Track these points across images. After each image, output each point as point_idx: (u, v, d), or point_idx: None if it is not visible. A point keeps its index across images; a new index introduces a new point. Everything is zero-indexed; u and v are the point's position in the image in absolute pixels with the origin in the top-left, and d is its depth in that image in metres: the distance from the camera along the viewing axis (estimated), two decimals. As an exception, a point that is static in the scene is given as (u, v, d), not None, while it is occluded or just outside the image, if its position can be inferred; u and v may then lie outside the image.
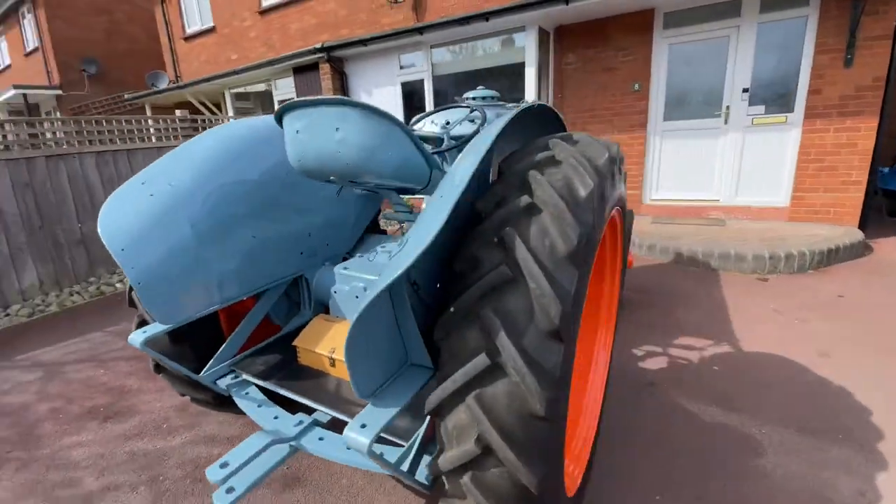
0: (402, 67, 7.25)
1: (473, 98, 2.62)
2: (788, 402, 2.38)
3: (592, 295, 2.07)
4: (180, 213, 1.64)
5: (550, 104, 5.39)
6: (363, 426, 1.16)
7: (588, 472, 1.72)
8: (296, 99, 1.52)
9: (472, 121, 2.48)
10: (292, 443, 1.55)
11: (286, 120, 1.55)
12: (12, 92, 13.80)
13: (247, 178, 1.86)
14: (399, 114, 7.46)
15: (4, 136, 4.59)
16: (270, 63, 8.31)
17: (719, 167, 5.74)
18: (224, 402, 2.08)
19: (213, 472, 1.37)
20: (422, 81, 7.05)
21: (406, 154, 1.49)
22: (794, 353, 2.88)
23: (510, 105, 2.71)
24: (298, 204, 2.10)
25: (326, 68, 7.74)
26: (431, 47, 6.81)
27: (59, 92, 14.30)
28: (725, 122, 5.58)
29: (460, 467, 1.17)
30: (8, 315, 4.30)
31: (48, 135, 5.10)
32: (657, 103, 5.98)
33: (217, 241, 1.74)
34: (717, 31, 5.44)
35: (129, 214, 1.56)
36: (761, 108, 5.38)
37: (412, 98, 7.29)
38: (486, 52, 6.52)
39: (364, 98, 7.96)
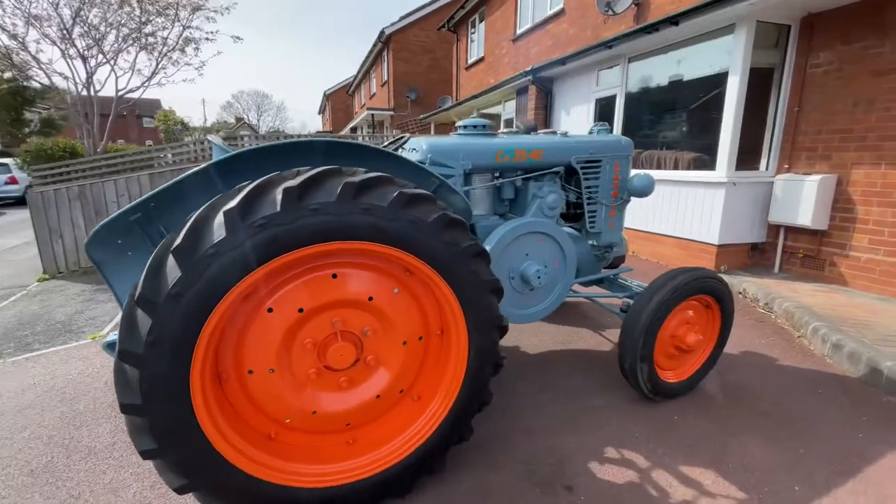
0: (597, 84, 6.81)
1: (465, 127, 2.62)
2: None
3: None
4: None
5: (779, 118, 4.12)
6: None
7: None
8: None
9: None
10: None
11: None
12: (366, 113, 20.24)
13: None
14: (590, 133, 7.05)
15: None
16: (495, 88, 9.29)
17: None
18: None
19: None
20: (615, 98, 6.45)
21: None
22: None
23: (502, 132, 2.58)
24: None
25: (533, 90, 8.08)
26: (629, 61, 6.13)
27: (392, 113, 19.97)
28: None
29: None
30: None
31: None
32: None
33: None
34: None
35: None
36: None
37: (604, 116, 6.76)
38: (683, 61, 5.37)
39: (562, 116, 7.89)
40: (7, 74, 12.58)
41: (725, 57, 4.69)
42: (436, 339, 2.01)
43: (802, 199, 4.42)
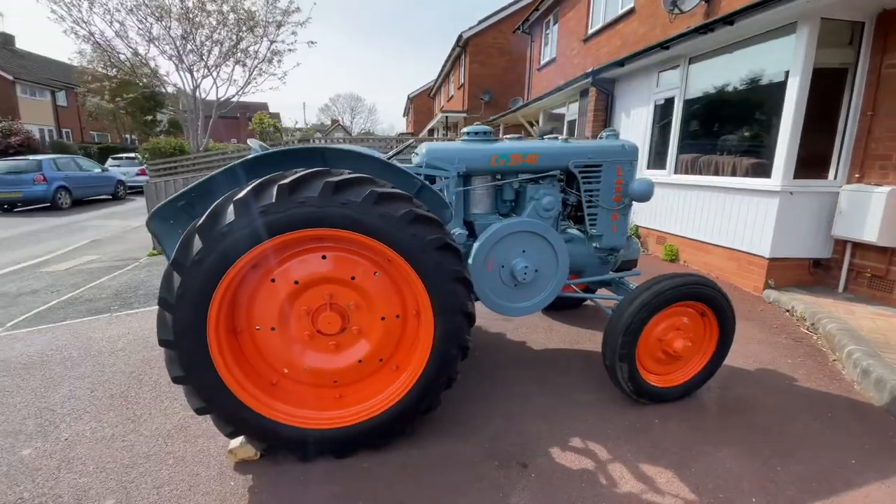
0: (657, 86, 6.55)
1: (468, 133, 2.88)
2: None
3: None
4: None
5: (850, 123, 3.86)
6: None
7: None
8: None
9: None
10: None
11: None
12: (441, 115, 20.89)
13: None
14: (647, 136, 6.82)
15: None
16: (559, 89, 9.24)
17: None
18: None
19: None
20: (673, 100, 6.18)
21: None
22: None
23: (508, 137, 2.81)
24: None
25: (593, 92, 7.95)
26: (689, 62, 5.85)
27: (465, 115, 20.41)
28: None
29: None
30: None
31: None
32: None
33: None
34: None
35: None
36: None
37: (663, 119, 6.49)
38: (744, 62, 5.02)
39: (622, 118, 7.67)
40: (142, 81, 15.07)
41: (788, 57, 4.36)
42: (413, 319, 2.31)
43: (869, 211, 3.98)
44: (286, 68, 16.26)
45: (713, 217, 5.37)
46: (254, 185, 1.93)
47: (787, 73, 4.35)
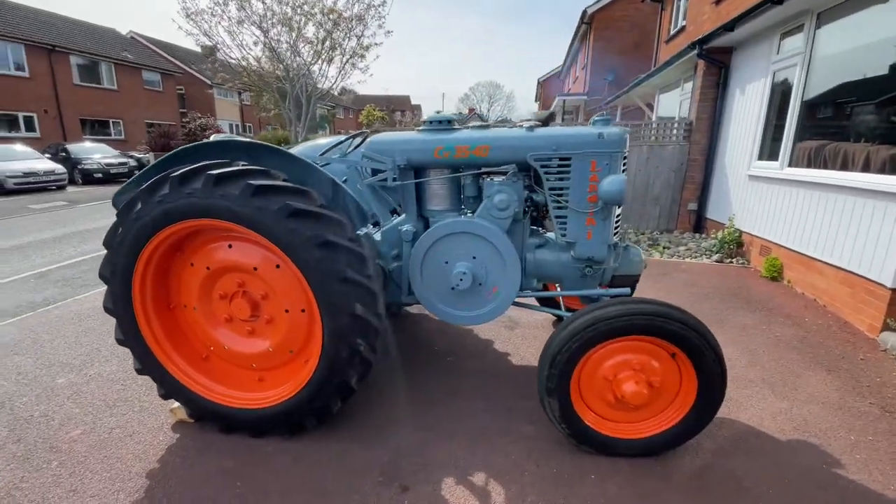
0: (778, 53, 5.09)
1: (429, 122, 2.67)
2: None
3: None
4: None
5: None
6: None
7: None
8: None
9: None
10: None
11: None
12: (558, 99, 19.63)
13: None
14: (760, 119, 5.41)
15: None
16: (667, 65, 7.89)
17: None
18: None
19: None
20: (794, 72, 4.74)
21: None
22: None
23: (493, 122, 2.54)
24: None
25: (701, 65, 6.58)
26: (817, 20, 4.39)
27: (585, 97, 18.84)
28: None
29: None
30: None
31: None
32: None
33: None
34: None
35: None
36: None
37: (783, 94, 5.05)
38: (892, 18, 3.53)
39: (736, 96, 6.19)
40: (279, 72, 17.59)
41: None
42: (316, 314, 2.29)
43: None
44: (368, 62, 17.72)
45: (828, 226, 4.04)
46: (159, 176, 2.11)
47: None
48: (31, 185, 14.39)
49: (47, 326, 3.91)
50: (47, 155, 16.71)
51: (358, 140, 3.30)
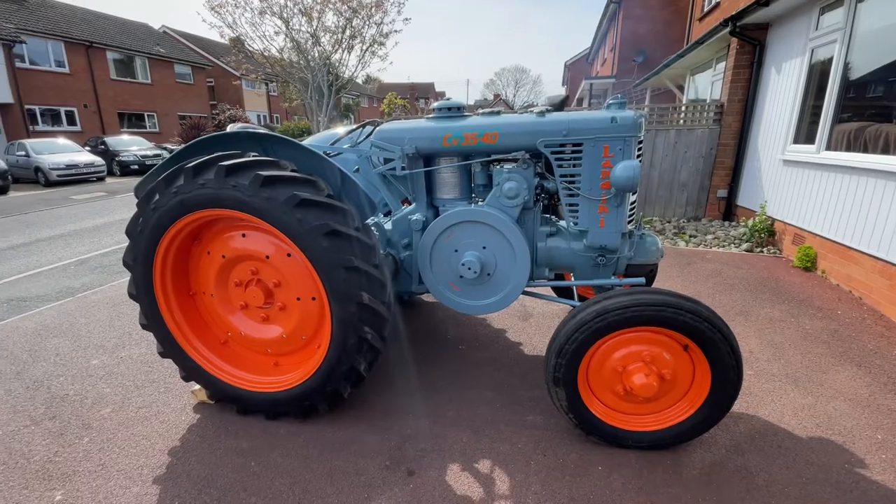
0: (816, 29, 4.76)
1: (438, 109, 2.65)
2: None
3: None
4: None
5: None
6: None
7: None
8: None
9: None
10: None
11: None
12: (585, 83, 19.06)
13: None
14: (796, 99, 5.10)
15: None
16: (697, 43, 7.52)
17: None
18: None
19: None
20: (834, 47, 4.43)
21: None
22: None
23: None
24: None
25: (734, 43, 6.23)
26: (864, -12, 4.07)
27: (614, 80, 18.21)
28: None
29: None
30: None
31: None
32: None
33: None
34: None
35: None
36: None
37: (822, 73, 4.73)
38: None
39: (771, 76, 5.84)
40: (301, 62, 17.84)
41: None
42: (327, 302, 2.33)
43: None
44: (388, 49, 17.74)
45: (867, 213, 3.80)
46: (174, 168, 2.18)
47: None
48: (73, 177, 15.17)
49: (84, 311, 4.14)
50: (87, 148, 17.55)
51: (368, 129, 3.31)
